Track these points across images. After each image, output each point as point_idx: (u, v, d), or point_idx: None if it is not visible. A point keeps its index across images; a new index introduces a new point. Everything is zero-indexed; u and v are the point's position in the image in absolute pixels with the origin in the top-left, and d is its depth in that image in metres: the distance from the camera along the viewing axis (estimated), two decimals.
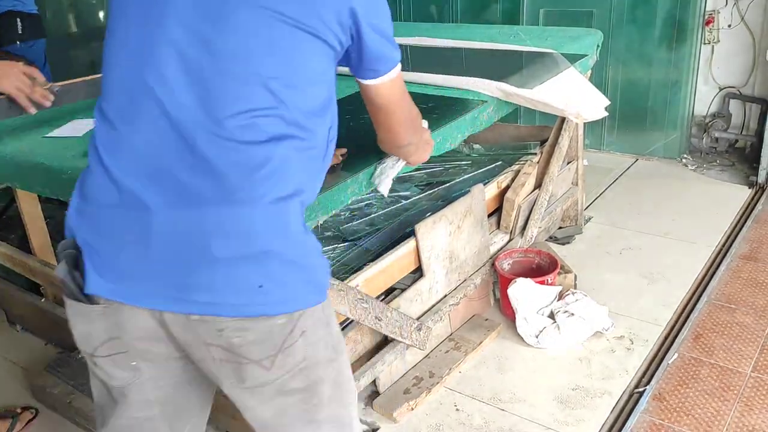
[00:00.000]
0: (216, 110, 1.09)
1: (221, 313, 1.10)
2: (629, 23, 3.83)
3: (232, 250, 1.10)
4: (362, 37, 1.23)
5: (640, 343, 2.41)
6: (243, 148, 1.10)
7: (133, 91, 1.12)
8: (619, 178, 3.77)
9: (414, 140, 1.54)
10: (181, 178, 1.10)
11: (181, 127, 1.10)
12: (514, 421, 2.11)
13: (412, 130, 1.50)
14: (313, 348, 1.19)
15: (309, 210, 1.65)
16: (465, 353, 2.38)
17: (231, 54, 1.10)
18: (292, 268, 1.14)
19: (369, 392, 2.24)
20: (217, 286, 1.10)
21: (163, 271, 1.11)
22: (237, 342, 1.12)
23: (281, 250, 1.13)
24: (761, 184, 3.49)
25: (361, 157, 1.84)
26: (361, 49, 1.25)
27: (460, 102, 2.22)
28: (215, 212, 1.10)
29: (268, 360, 1.15)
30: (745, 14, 3.63)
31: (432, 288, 2.33)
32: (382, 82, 1.33)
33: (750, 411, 2.09)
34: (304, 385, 1.21)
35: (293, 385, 1.20)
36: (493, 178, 2.68)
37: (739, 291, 2.68)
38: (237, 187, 1.10)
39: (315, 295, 1.18)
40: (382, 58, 1.30)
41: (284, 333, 1.14)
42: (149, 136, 1.11)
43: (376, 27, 1.25)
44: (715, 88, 3.87)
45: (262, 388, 1.19)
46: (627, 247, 3.05)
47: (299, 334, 1.16)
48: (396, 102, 1.40)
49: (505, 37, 2.93)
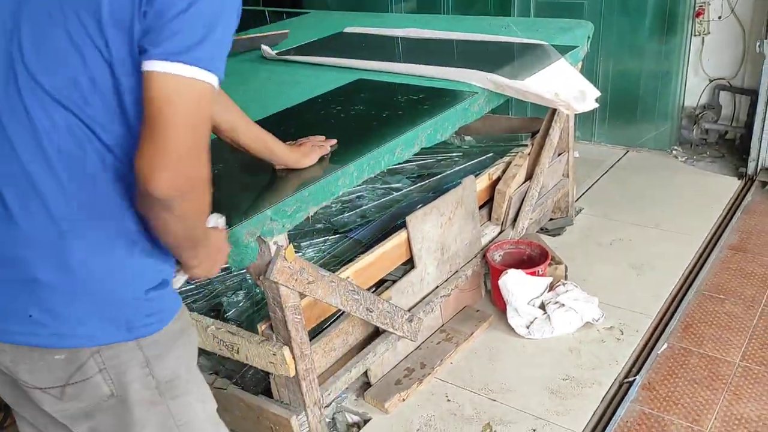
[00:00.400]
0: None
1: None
2: (620, 14, 3.83)
3: (3, 272, 1.04)
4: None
5: (630, 333, 2.43)
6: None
7: None
8: (609, 169, 3.78)
9: (189, 177, 1.00)
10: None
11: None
12: (505, 410, 2.12)
13: (191, 154, 1.00)
14: (122, 387, 1.12)
15: (300, 201, 1.65)
16: (456, 344, 2.39)
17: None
18: (76, 301, 1.05)
19: (360, 383, 2.25)
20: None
21: None
22: (12, 367, 1.08)
23: (58, 280, 1.04)
24: (750, 176, 3.50)
25: (352, 148, 1.85)
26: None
27: (451, 93, 2.22)
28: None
29: (56, 390, 1.09)
30: (735, 6, 3.64)
31: (423, 279, 2.34)
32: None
33: (738, 400, 2.11)
34: (115, 424, 1.15)
35: (103, 420, 1.14)
36: (485, 170, 2.68)
37: (728, 281, 2.70)
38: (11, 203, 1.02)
39: (115, 333, 1.09)
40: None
41: (70, 368, 1.07)
42: None
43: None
44: (705, 80, 3.88)
45: (67, 418, 1.14)
46: (617, 238, 3.06)
47: (96, 371, 1.09)
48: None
49: (496, 29, 2.92)
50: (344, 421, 2.14)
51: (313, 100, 2.24)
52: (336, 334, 2.05)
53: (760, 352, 2.30)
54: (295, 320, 1.78)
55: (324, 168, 1.75)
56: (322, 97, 2.26)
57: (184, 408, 1.21)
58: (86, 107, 0.99)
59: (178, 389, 1.19)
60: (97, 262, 1.05)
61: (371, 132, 1.97)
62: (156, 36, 0.96)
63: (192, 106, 0.97)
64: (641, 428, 2.03)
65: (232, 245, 1.53)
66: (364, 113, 2.14)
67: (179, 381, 1.19)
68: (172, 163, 0.96)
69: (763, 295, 2.59)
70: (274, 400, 1.95)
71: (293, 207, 1.64)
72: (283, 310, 1.75)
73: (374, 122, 2.06)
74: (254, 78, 2.62)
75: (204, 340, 1.92)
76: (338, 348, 2.08)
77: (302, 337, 1.82)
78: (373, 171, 1.87)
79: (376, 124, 2.04)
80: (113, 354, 1.09)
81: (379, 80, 2.39)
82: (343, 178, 1.76)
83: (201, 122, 1.00)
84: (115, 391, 1.12)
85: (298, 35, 3.14)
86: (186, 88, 0.97)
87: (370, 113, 2.14)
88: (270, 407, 1.90)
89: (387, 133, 1.94)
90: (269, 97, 2.35)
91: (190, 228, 1.07)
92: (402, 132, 1.94)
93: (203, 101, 0.99)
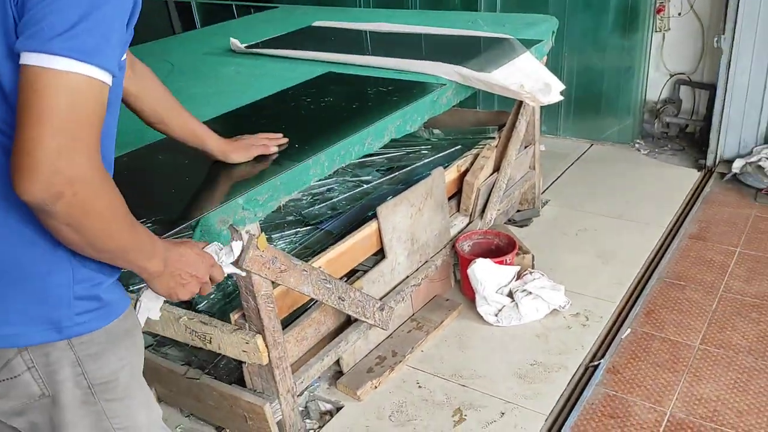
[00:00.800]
0: None
1: None
2: (584, 11, 3.91)
3: None
4: None
5: (595, 319, 2.50)
6: None
7: None
8: (574, 162, 3.86)
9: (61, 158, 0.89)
10: None
11: None
12: (476, 396, 2.16)
13: (63, 155, 0.89)
14: (53, 386, 1.07)
15: (271, 190, 1.67)
16: (427, 333, 2.43)
17: None
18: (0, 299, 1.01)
19: (333, 372, 2.27)
20: None
21: None
22: None
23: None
24: (710, 167, 3.61)
25: (323, 138, 1.87)
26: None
27: (420, 86, 2.25)
28: None
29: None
30: (694, 3, 3.74)
31: (394, 269, 2.37)
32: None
33: (698, 381, 2.18)
34: (46, 422, 1.11)
35: (35, 420, 1.11)
36: (453, 162, 2.72)
37: (688, 269, 2.78)
38: None
39: (43, 333, 1.04)
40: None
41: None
42: None
43: None
44: (666, 75, 3.98)
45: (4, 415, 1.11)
46: (583, 228, 3.14)
47: (24, 369, 1.05)
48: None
49: (463, 23, 2.97)
50: (317, 410, 2.17)
51: (284, 92, 2.25)
52: (308, 323, 2.07)
53: (719, 335, 2.39)
54: (268, 308, 1.80)
55: (261, 168, 1.70)
56: (292, 89, 2.28)
57: (123, 412, 1.16)
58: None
59: (116, 392, 1.14)
60: (21, 256, 1.00)
61: (342, 123, 1.99)
62: (24, 25, 0.88)
63: (60, 102, 0.87)
64: (606, 410, 2.09)
65: (205, 233, 1.54)
66: (334, 105, 2.16)
67: (118, 384, 1.14)
68: (39, 165, 0.87)
69: (722, 281, 2.68)
70: (247, 389, 1.97)
71: (265, 195, 1.66)
72: (255, 298, 1.76)
73: (345, 113, 2.09)
74: (222, 71, 2.62)
75: (176, 330, 1.93)
76: (310, 337, 2.10)
77: (275, 326, 1.84)
78: (343, 161, 1.89)
79: (346, 115, 2.07)
80: (42, 353, 1.05)
81: (349, 73, 2.42)
82: (315, 167, 1.79)
83: (75, 119, 0.89)
84: (46, 391, 1.08)
85: (266, 29, 3.15)
86: (55, 82, 0.87)
87: (341, 105, 2.16)
88: (243, 396, 1.91)
89: (357, 123, 1.97)
90: (238, 90, 2.36)
91: (90, 235, 0.96)
92: (371, 122, 1.97)
93: (78, 95, 0.89)
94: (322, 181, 2.93)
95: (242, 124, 2.02)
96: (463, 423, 2.07)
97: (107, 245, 1.00)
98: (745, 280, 2.68)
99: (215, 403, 2.01)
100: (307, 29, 3.11)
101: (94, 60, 0.89)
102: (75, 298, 1.05)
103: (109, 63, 0.92)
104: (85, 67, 0.89)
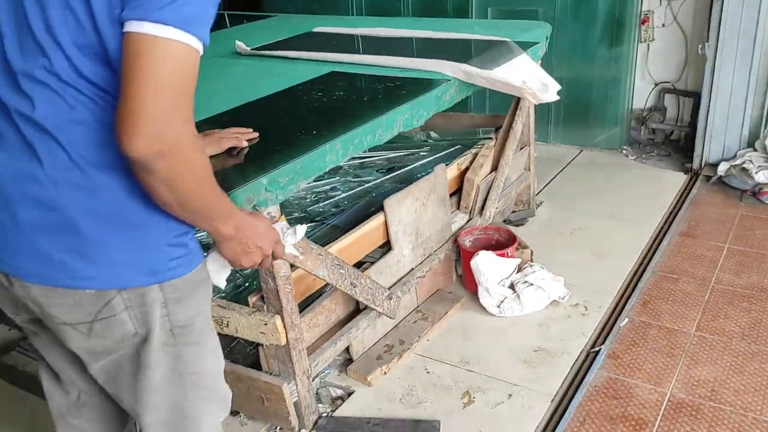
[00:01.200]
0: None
1: (25, 279, 1.12)
2: (572, 22, 4.05)
3: (35, 219, 1.07)
4: None
5: (594, 309, 2.58)
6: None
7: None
8: (566, 167, 3.98)
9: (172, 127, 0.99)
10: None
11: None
12: (483, 379, 2.23)
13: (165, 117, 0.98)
14: (145, 326, 1.16)
15: (292, 173, 1.73)
16: (432, 323, 2.49)
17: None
18: (103, 246, 1.09)
19: (342, 360, 2.33)
20: (20, 252, 1.10)
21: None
22: (44, 302, 1.12)
23: (89, 226, 1.08)
24: (696, 170, 3.74)
25: (337, 127, 1.94)
26: None
27: (426, 81, 2.34)
28: (21, 173, 1.07)
29: (84, 326, 1.14)
30: (677, 14, 3.90)
31: (400, 261, 2.44)
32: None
33: (695, 364, 2.27)
34: (134, 361, 1.20)
35: (124, 356, 1.19)
36: (454, 160, 2.81)
37: (680, 263, 2.89)
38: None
39: (140, 278, 1.13)
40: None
41: (98, 303, 1.12)
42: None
43: None
44: (651, 84, 4.13)
45: (90, 353, 1.19)
46: (577, 227, 3.23)
47: (122, 308, 1.14)
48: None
49: (460, 28, 3.08)
50: (328, 395, 2.21)
51: (295, 88, 2.33)
52: (320, 310, 2.13)
53: (713, 323, 2.48)
54: (286, 290, 1.86)
55: (234, 162, 1.73)
56: (302, 85, 2.36)
57: (195, 357, 1.25)
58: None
59: (191, 336, 1.23)
60: (125, 207, 1.09)
61: (354, 114, 2.07)
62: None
63: (166, 67, 0.96)
64: (609, 391, 2.16)
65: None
66: (345, 98, 2.24)
67: (193, 329, 1.23)
68: (146, 124, 0.95)
69: (713, 274, 2.78)
70: (263, 372, 2.01)
71: (286, 178, 1.72)
72: (275, 280, 1.82)
73: (356, 105, 2.17)
74: (232, 70, 2.69)
75: None
76: (321, 324, 2.15)
77: (293, 307, 1.89)
78: (356, 150, 1.96)
79: (358, 107, 2.15)
80: (138, 294, 1.14)
81: (356, 72, 2.50)
82: (331, 153, 1.85)
83: (177, 84, 0.98)
84: (140, 330, 1.17)
85: (266, 36, 3.22)
86: (161, 49, 0.95)
87: (351, 98, 2.25)
88: (261, 377, 1.96)
89: (368, 114, 2.04)
90: (249, 86, 2.42)
91: (181, 194, 1.05)
92: (382, 114, 2.05)
93: (180, 62, 0.97)
94: (325, 181, 3.01)
95: (258, 115, 2.08)
96: (472, 404, 2.13)
97: (195, 204, 1.10)
98: (734, 273, 2.78)
99: (232, 386, 2.03)
100: (309, 34, 3.20)
101: (193, 30, 0.98)
102: (168, 246, 1.15)
103: (204, 35, 1.00)
104: (186, 36, 0.97)
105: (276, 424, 2.07)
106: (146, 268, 1.14)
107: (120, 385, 1.23)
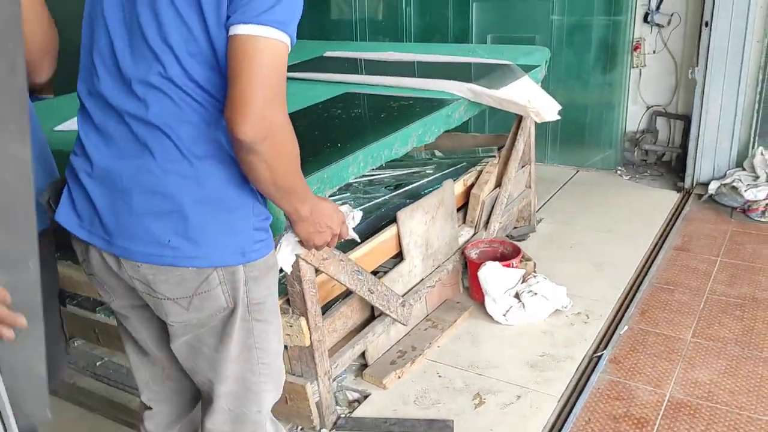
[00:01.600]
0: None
1: (136, 259, 1.25)
2: (568, 49, 4.24)
3: (147, 206, 1.21)
4: None
5: (595, 317, 2.71)
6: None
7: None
8: (563, 186, 4.13)
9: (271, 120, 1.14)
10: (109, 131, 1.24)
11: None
12: (492, 382, 2.34)
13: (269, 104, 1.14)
14: (234, 300, 1.29)
15: (320, 182, 1.86)
16: (442, 330, 2.61)
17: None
18: (204, 229, 1.22)
19: (358, 365, 2.43)
20: (133, 236, 1.23)
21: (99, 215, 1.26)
22: (152, 279, 1.25)
23: (193, 212, 1.21)
24: (688, 189, 3.91)
25: (359, 140, 2.07)
26: None
27: (436, 101, 2.49)
28: (134, 166, 1.21)
29: (185, 301, 1.27)
30: (668, 41, 4.10)
31: (411, 271, 2.56)
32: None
33: (693, 368, 2.39)
34: (217, 333, 1.32)
35: (210, 329, 1.32)
36: (460, 176, 2.95)
37: (675, 275, 3.03)
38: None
39: (233, 257, 1.26)
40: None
41: (199, 278, 1.25)
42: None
43: None
44: (643, 107, 4.31)
45: (183, 326, 1.31)
46: (576, 242, 3.37)
47: (217, 283, 1.26)
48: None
49: (464, 53, 3.25)
50: (345, 398, 2.32)
51: (315, 106, 2.47)
52: (338, 316, 2.24)
53: (708, 330, 2.61)
54: (311, 293, 1.98)
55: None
56: (321, 103, 2.50)
57: (263, 334, 1.37)
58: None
59: (262, 314, 1.35)
60: (224, 194, 1.24)
61: (372, 130, 2.21)
62: (237, 5, 1.13)
63: (268, 62, 1.12)
64: (612, 393, 2.28)
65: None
66: (363, 115, 2.39)
67: (264, 307, 1.35)
68: (253, 111, 1.11)
69: (707, 285, 2.92)
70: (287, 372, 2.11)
71: (314, 187, 1.85)
72: (301, 283, 1.94)
73: (375, 121, 2.31)
74: None
75: None
76: (339, 329, 2.27)
77: (316, 310, 2.01)
78: (375, 163, 2.09)
79: (376, 124, 2.29)
80: (230, 271, 1.27)
81: (371, 93, 2.65)
82: (353, 165, 1.99)
83: (275, 76, 1.14)
84: (230, 303, 1.29)
85: None
86: (262, 46, 1.11)
87: (369, 115, 2.39)
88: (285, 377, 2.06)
89: (385, 130, 2.18)
90: None
91: (278, 173, 1.19)
92: (398, 129, 2.19)
93: (278, 58, 1.13)
94: (338, 197, 3.14)
95: None
96: (483, 405, 2.24)
97: (286, 183, 1.24)
98: (727, 284, 2.93)
99: None
100: (320, 58, 3.36)
101: (287, 29, 1.14)
102: (254, 229, 1.29)
103: (293, 34, 1.16)
104: (282, 35, 1.13)
105: (298, 424, 2.17)
106: (238, 249, 1.27)
107: (199, 357, 1.36)
